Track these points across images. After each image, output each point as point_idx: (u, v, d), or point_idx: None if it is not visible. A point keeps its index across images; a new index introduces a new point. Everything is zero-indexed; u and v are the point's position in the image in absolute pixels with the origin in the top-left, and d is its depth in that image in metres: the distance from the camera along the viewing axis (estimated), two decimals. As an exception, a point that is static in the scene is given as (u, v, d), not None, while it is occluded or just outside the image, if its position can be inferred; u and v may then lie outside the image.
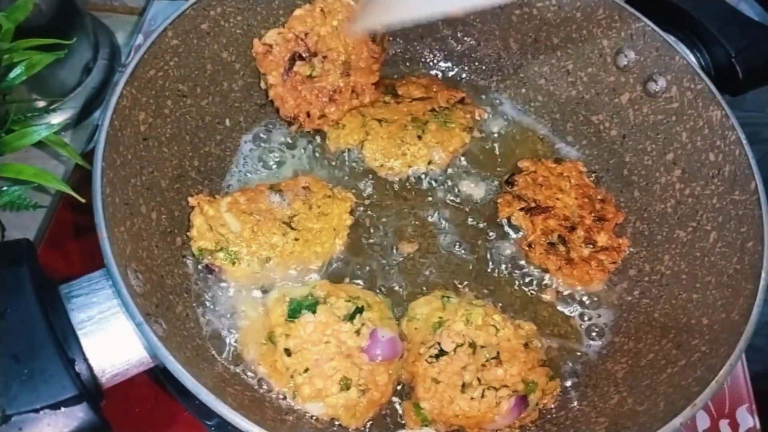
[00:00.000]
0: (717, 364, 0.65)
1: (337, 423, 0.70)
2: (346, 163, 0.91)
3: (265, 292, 0.77)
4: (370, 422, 0.72)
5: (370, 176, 0.91)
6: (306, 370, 0.68)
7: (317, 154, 0.92)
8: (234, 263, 0.75)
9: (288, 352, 0.69)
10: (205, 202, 0.78)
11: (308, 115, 0.89)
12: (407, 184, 0.91)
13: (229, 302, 0.77)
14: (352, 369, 0.69)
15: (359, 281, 0.82)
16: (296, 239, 0.77)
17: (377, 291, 0.81)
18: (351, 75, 0.89)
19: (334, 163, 0.91)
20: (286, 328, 0.70)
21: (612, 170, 0.94)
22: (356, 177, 0.90)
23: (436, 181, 0.91)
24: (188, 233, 0.77)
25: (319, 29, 0.87)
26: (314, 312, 0.71)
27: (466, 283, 0.83)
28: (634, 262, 0.86)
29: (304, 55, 0.87)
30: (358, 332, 0.71)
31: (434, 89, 0.97)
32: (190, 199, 0.80)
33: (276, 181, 0.85)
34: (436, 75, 1.03)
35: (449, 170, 0.92)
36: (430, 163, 0.91)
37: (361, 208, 0.88)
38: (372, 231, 0.86)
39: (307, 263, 0.79)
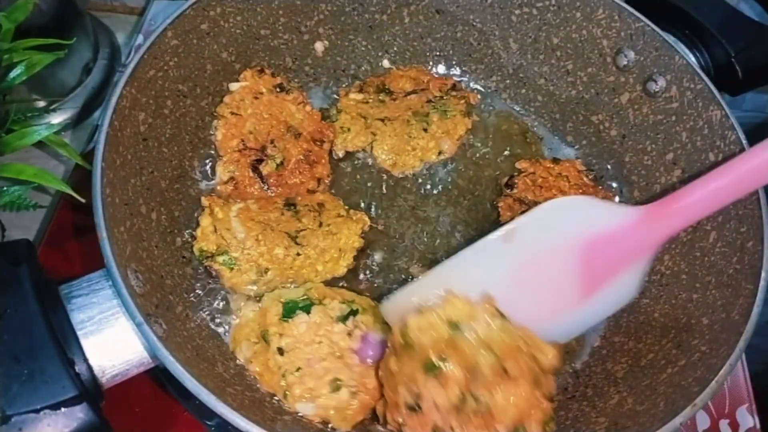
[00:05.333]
0: (717, 364, 0.65)
1: (322, 424, 0.70)
2: (357, 166, 0.92)
3: (259, 298, 0.77)
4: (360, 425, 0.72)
5: (381, 177, 0.91)
6: (298, 369, 0.69)
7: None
8: (232, 269, 0.75)
9: (281, 351, 0.69)
10: (216, 204, 0.77)
11: (309, 191, 0.86)
12: (420, 179, 0.92)
13: (229, 303, 0.77)
14: (343, 370, 0.69)
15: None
16: (298, 254, 0.76)
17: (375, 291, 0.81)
18: (302, 132, 0.88)
19: (344, 168, 0.91)
20: (280, 328, 0.71)
21: (612, 170, 0.94)
22: (368, 179, 0.91)
23: (448, 170, 0.93)
24: (194, 233, 0.77)
25: (245, 123, 0.85)
26: (308, 312, 0.71)
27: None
28: (634, 262, 0.86)
29: (260, 158, 0.84)
30: (350, 334, 0.71)
31: (424, 80, 0.97)
32: (202, 198, 0.80)
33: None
34: (435, 75, 1.03)
35: (459, 156, 0.94)
36: (440, 153, 0.92)
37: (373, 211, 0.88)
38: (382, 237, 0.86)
39: (305, 280, 0.78)
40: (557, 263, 0.61)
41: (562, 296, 0.62)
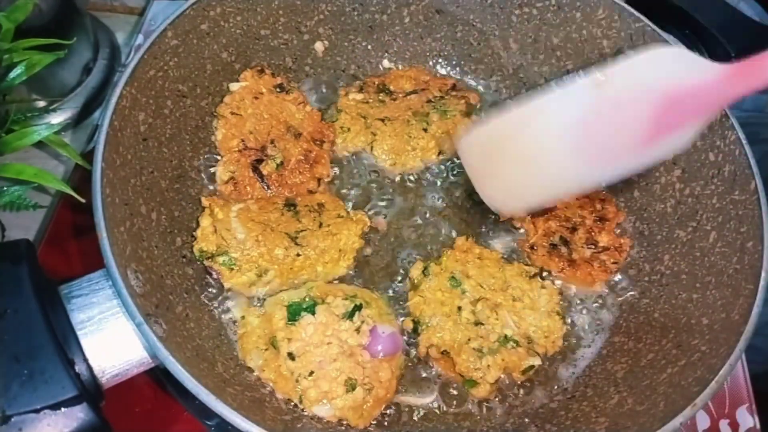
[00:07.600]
0: (717, 364, 0.65)
1: (339, 423, 0.70)
2: (355, 165, 0.92)
3: (261, 299, 0.77)
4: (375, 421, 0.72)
5: (380, 176, 0.91)
6: (311, 373, 0.68)
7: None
8: (232, 269, 0.75)
9: (291, 356, 0.69)
10: (216, 205, 0.77)
11: (310, 191, 0.86)
12: (420, 179, 0.92)
13: (229, 304, 0.77)
14: (356, 368, 0.69)
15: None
16: (298, 255, 0.76)
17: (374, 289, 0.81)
18: (302, 132, 0.88)
19: (344, 167, 0.91)
20: (288, 332, 0.70)
21: (612, 170, 0.94)
22: (368, 179, 0.91)
23: (448, 170, 0.92)
24: (194, 233, 0.77)
25: (245, 124, 0.86)
26: (313, 313, 0.71)
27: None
28: (634, 262, 0.86)
29: (260, 158, 0.84)
30: (358, 330, 0.71)
31: (424, 80, 0.98)
32: (202, 198, 0.80)
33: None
34: (435, 75, 1.03)
35: (459, 156, 0.93)
36: (440, 153, 0.92)
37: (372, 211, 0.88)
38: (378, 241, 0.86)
39: (305, 280, 0.78)
40: (633, 113, 0.62)
41: (626, 143, 0.63)
